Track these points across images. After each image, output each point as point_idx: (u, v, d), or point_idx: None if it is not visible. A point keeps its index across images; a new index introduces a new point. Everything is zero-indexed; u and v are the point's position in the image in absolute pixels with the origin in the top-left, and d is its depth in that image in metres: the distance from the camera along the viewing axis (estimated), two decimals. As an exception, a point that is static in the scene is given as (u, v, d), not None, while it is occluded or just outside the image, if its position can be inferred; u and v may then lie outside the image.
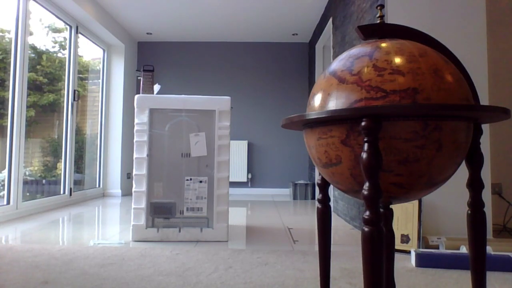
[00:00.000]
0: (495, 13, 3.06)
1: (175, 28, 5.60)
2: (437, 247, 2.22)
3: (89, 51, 5.31)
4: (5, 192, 3.46)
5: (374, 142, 0.85)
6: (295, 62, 6.12)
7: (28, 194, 3.88)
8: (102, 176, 5.40)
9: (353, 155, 0.91)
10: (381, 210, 1.18)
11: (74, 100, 4.56)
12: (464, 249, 2.09)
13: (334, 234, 2.84)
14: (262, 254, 2.18)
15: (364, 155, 0.85)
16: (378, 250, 0.84)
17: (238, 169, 5.87)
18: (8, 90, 3.53)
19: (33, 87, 4.11)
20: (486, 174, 2.36)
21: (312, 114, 0.93)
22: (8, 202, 3.44)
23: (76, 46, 4.64)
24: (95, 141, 5.38)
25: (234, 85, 6.07)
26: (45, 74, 4.38)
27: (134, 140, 2.58)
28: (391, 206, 1.19)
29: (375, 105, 0.86)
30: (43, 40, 4.35)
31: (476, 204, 1.02)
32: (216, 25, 5.44)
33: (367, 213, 0.85)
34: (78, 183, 4.88)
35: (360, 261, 2.03)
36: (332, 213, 3.88)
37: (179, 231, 2.54)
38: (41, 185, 4.34)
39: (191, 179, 2.57)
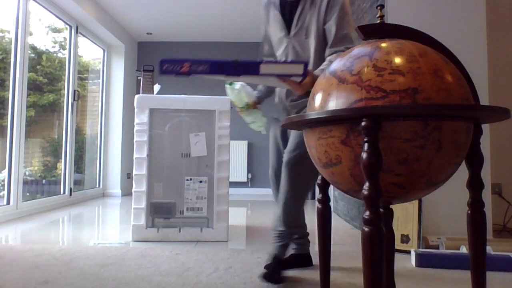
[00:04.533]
0: (495, 13, 3.06)
1: (175, 28, 5.60)
2: (437, 247, 2.22)
3: (89, 51, 5.31)
4: (5, 192, 3.46)
5: (374, 142, 0.85)
6: (295, 62, 6.11)
7: (28, 194, 3.88)
8: (102, 176, 5.40)
9: (353, 155, 0.91)
10: (381, 210, 1.18)
11: (74, 100, 4.56)
12: (464, 249, 2.09)
13: (334, 234, 2.84)
14: (262, 254, 2.18)
15: (364, 155, 0.85)
16: (378, 250, 0.84)
17: (238, 169, 5.87)
18: (8, 90, 3.52)
19: (33, 87, 4.12)
20: (486, 174, 2.36)
21: (312, 114, 0.93)
22: (8, 202, 3.44)
23: (76, 46, 4.64)
24: (95, 141, 5.38)
25: (234, 85, 6.06)
26: (45, 74, 4.38)
27: (134, 140, 2.58)
28: (391, 206, 1.19)
29: (375, 105, 0.86)
30: (43, 40, 4.35)
31: (476, 204, 1.02)
32: (216, 25, 5.44)
33: (367, 213, 0.85)
34: (78, 183, 4.88)
35: (360, 261, 2.03)
36: (332, 213, 3.88)
37: (179, 231, 2.54)
38: (41, 185, 4.35)
39: (191, 179, 2.57)
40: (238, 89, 1.95)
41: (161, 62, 1.35)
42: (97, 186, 5.35)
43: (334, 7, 1.67)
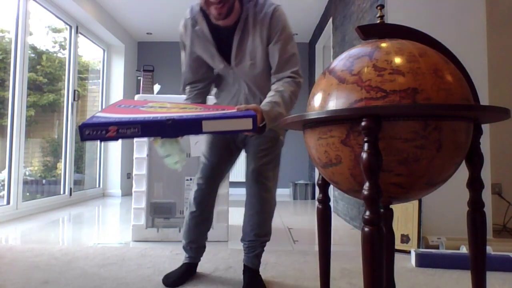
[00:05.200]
0: (495, 13, 3.06)
1: (175, 28, 5.57)
2: (437, 247, 2.22)
3: (89, 51, 5.31)
4: (5, 192, 3.46)
5: (374, 142, 0.85)
6: (295, 62, 6.10)
7: (28, 194, 3.87)
8: (102, 176, 5.39)
9: (353, 155, 0.91)
10: (381, 210, 1.18)
11: (74, 100, 4.56)
12: (464, 249, 2.09)
13: (334, 234, 2.84)
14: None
15: (364, 155, 0.85)
16: (378, 250, 0.84)
17: (238, 169, 5.86)
18: (8, 90, 3.52)
19: (33, 87, 4.12)
20: (486, 174, 2.36)
21: (312, 114, 0.93)
22: (8, 202, 3.44)
23: (76, 46, 4.64)
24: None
25: (234, 85, 6.05)
26: (45, 74, 4.38)
27: (134, 140, 2.57)
28: (391, 206, 1.19)
29: (375, 105, 0.86)
30: (43, 40, 4.35)
31: (476, 204, 1.02)
32: (216, 25, 5.44)
33: (367, 213, 0.85)
34: (78, 183, 4.88)
35: (360, 261, 2.03)
36: (332, 213, 3.88)
37: (179, 231, 2.54)
38: (41, 185, 4.34)
39: (191, 179, 2.57)
40: None
41: (81, 128, 1.12)
42: (97, 186, 5.34)
43: (277, 27, 1.52)
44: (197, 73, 1.72)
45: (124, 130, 1.13)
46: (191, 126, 1.19)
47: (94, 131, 1.12)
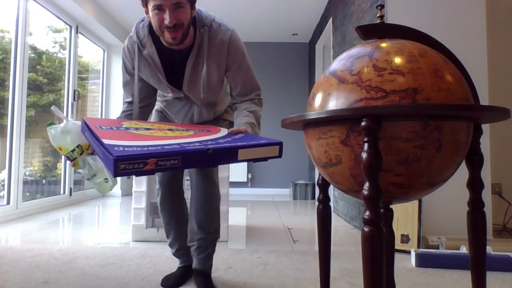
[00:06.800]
0: (495, 13, 3.06)
1: (175, 28, 5.59)
2: (437, 247, 2.22)
3: (89, 51, 5.31)
4: (5, 192, 3.46)
5: (374, 142, 0.85)
6: (295, 62, 6.12)
7: (28, 194, 3.87)
8: (102, 176, 5.39)
9: (353, 155, 0.91)
10: (381, 210, 1.18)
11: (74, 100, 4.56)
12: (464, 249, 2.09)
13: (334, 234, 2.84)
14: (262, 254, 2.18)
15: (364, 155, 0.85)
16: (378, 250, 0.84)
17: (238, 169, 5.87)
18: (8, 90, 3.52)
19: (33, 87, 4.12)
20: (486, 174, 2.36)
21: (312, 114, 0.93)
22: (8, 202, 3.44)
23: (76, 46, 4.63)
24: (95, 141, 5.37)
25: (234, 85, 6.05)
26: (45, 74, 4.38)
27: (134, 140, 2.57)
28: (391, 206, 1.19)
29: (375, 105, 0.86)
30: (43, 40, 4.35)
31: (476, 204, 1.02)
32: (216, 25, 5.43)
33: (367, 213, 0.85)
34: (78, 183, 4.88)
35: (360, 261, 2.03)
36: (332, 213, 3.88)
37: (179, 231, 2.53)
38: (41, 185, 4.34)
39: (191, 179, 2.56)
40: (66, 128, 1.34)
41: (115, 162, 0.94)
42: (97, 186, 5.34)
43: (237, 55, 1.53)
44: (140, 94, 1.64)
45: (164, 162, 1.01)
46: (228, 155, 1.15)
47: (131, 164, 0.97)
